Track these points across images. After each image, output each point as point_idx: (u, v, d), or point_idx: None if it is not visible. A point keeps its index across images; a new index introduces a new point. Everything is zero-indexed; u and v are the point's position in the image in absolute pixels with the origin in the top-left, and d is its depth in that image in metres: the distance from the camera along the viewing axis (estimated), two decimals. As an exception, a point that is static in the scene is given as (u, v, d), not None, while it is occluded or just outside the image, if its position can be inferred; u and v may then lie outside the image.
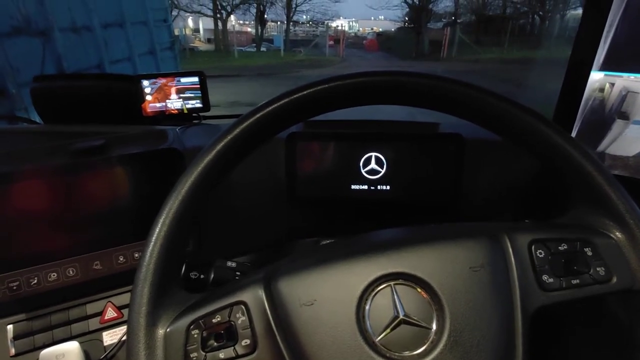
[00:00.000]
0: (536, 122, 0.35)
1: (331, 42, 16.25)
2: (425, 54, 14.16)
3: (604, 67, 0.64)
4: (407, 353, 0.29)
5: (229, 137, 0.35)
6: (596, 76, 0.65)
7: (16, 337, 0.53)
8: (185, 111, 0.90)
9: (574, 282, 0.33)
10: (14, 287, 0.52)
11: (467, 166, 0.69)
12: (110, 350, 0.56)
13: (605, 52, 0.63)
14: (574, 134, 0.69)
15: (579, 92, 0.66)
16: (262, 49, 16.18)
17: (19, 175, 0.51)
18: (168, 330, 0.31)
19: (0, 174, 0.50)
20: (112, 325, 0.58)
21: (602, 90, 0.65)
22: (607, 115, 0.65)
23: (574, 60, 0.67)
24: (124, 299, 0.59)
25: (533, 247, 0.34)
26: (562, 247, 0.34)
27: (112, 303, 0.58)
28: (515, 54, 12.54)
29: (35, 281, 0.53)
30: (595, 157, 0.35)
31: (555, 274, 0.33)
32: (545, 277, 0.33)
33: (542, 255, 0.33)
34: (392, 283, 0.31)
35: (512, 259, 0.33)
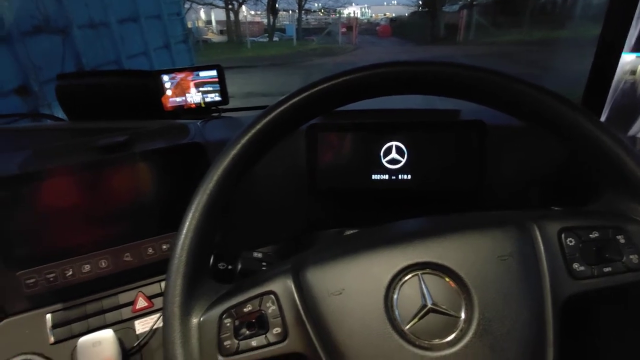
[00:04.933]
0: (563, 106, 0.34)
1: (344, 30, 16.03)
2: (441, 38, 13.80)
3: (636, 49, 0.61)
4: (436, 341, 0.30)
5: (253, 131, 0.35)
6: (628, 58, 0.62)
7: (55, 326, 0.56)
8: (204, 105, 0.91)
9: (606, 270, 0.32)
10: (51, 279, 0.54)
11: (490, 153, 0.68)
12: (143, 338, 0.59)
13: (638, 32, 0.60)
14: (603, 118, 0.67)
15: (609, 75, 0.64)
16: (275, 38, 16.08)
17: (50, 173, 0.53)
18: (202, 319, 0.32)
19: (32, 172, 0.52)
20: (144, 314, 0.60)
21: (634, 72, 0.62)
22: (639, 99, 0.63)
23: (604, 41, 0.64)
24: (154, 289, 0.61)
25: (563, 235, 0.33)
26: (594, 234, 0.33)
27: (143, 293, 0.60)
28: (536, 35, 12.04)
29: (70, 273, 0.55)
30: (627, 141, 0.34)
31: (586, 262, 0.32)
32: (575, 266, 0.32)
33: (572, 244, 0.33)
34: (419, 272, 0.31)
35: (542, 247, 0.32)
